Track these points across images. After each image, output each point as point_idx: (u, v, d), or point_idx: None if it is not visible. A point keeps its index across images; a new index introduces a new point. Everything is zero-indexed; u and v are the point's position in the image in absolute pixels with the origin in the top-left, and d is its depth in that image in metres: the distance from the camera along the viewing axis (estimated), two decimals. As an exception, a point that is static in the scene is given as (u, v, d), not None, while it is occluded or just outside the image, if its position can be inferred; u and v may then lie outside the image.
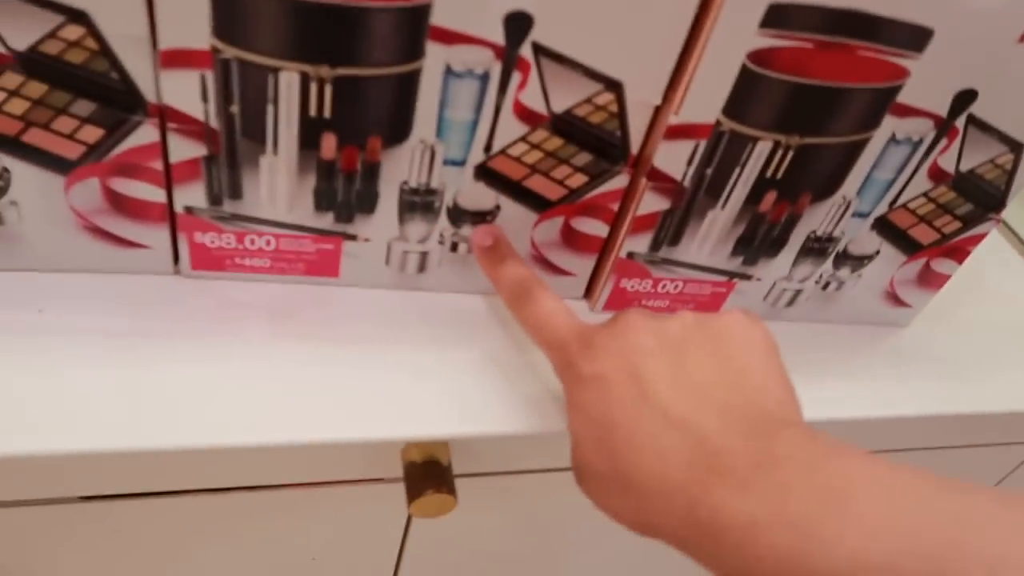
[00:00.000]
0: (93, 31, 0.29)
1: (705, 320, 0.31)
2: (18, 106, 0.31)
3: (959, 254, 0.46)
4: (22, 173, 0.33)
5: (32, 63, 0.30)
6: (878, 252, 0.45)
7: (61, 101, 0.31)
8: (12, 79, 0.30)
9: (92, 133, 0.33)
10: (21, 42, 0.29)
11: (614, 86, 0.35)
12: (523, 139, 0.36)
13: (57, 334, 0.35)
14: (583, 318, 0.34)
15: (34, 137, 0.32)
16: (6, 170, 0.33)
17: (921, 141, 0.39)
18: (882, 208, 0.42)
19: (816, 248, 0.44)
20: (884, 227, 0.43)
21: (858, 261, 0.45)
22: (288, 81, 0.32)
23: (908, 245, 0.45)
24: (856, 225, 0.43)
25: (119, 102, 0.32)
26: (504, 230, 0.40)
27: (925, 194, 0.42)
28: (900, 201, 0.42)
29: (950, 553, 0.22)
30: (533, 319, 0.34)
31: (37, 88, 0.31)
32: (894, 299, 0.49)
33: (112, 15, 0.29)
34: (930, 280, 0.48)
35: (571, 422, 0.32)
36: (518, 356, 0.41)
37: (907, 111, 0.37)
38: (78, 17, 0.29)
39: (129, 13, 0.29)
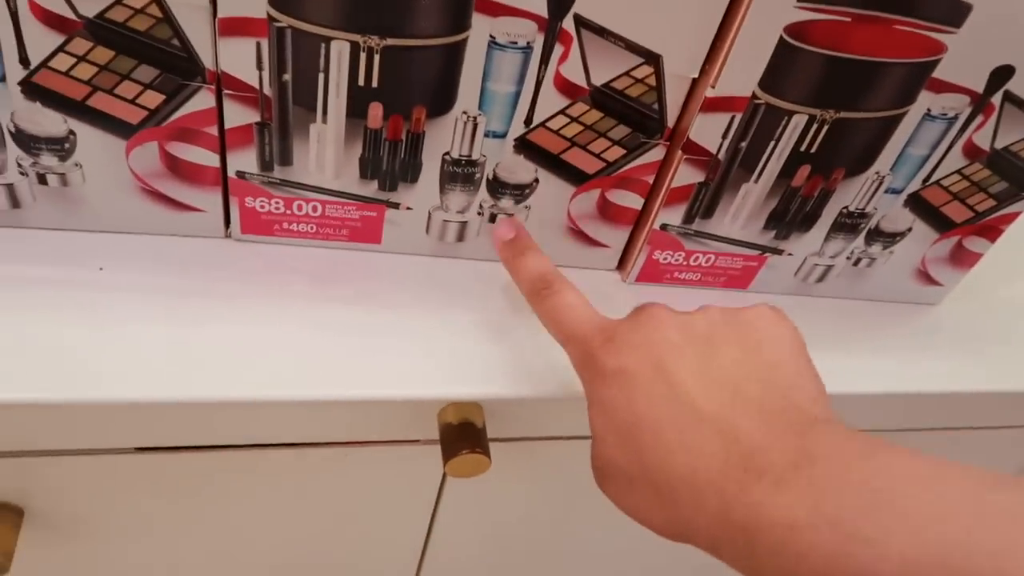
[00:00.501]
0: (158, -1, 0.31)
1: (731, 315, 0.31)
2: (85, 71, 0.33)
3: (992, 232, 0.47)
4: (87, 136, 0.35)
5: (99, 29, 0.32)
6: (910, 229, 0.45)
7: (125, 67, 0.33)
8: (81, 45, 0.32)
9: (153, 98, 0.34)
10: (90, 8, 0.31)
11: (653, 59, 0.35)
12: (563, 112, 0.37)
13: (116, 291, 0.37)
14: (615, 290, 0.35)
15: (99, 101, 0.34)
16: (72, 133, 0.35)
17: (956, 117, 0.39)
18: (915, 184, 0.43)
19: (848, 224, 0.44)
20: (917, 204, 0.44)
21: (890, 238, 0.46)
22: (339, 50, 0.33)
23: (941, 222, 0.45)
24: (889, 201, 0.43)
25: (179, 68, 0.34)
26: (541, 202, 0.41)
27: (959, 171, 0.42)
28: (934, 178, 0.43)
29: (1007, 550, 0.20)
30: (553, 312, 0.33)
31: (104, 54, 0.33)
32: (925, 277, 0.49)
33: (176, -16, 0.31)
34: (962, 259, 0.48)
35: (592, 419, 0.30)
36: (553, 323, 0.42)
37: (943, 86, 0.38)
38: (144, -14, 0.31)
39: (192, -18, 0.31)
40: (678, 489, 0.27)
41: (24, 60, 0.32)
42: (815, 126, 0.38)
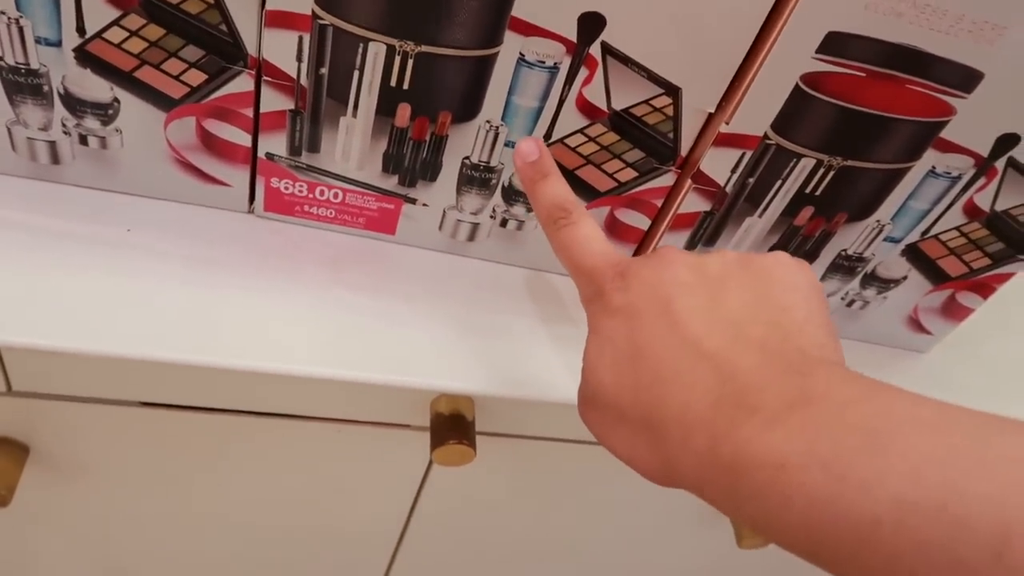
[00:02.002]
0: (211, -13, 0.33)
1: (748, 258, 0.29)
2: (136, 45, 0.35)
3: (985, 290, 0.48)
4: (130, 105, 0.37)
5: (154, 8, 0.34)
6: (905, 277, 0.47)
7: (174, 45, 0.35)
8: (135, 20, 0.34)
9: (196, 77, 0.36)
10: (147, -11, 0.33)
11: (673, 91, 0.37)
12: (581, 131, 0.39)
13: (140, 251, 0.39)
14: None
15: (146, 74, 0.36)
16: (116, 100, 0.37)
17: (960, 177, 0.41)
18: (914, 236, 0.44)
19: (846, 266, 0.46)
20: (914, 254, 0.45)
21: (885, 284, 0.47)
22: (376, 51, 0.35)
23: (936, 275, 0.47)
24: (887, 249, 0.45)
25: (224, 52, 0.35)
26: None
27: (958, 228, 0.44)
28: (933, 232, 0.44)
29: (1008, 497, 0.19)
30: (569, 242, 0.32)
31: (155, 31, 0.34)
32: (916, 325, 0.51)
33: (230, -25, 0.33)
34: (954, 311, 0.50)
35: (588, 347, 0.29)
36: (551, 328, 0.44)
37: (949, 147, 0.39)
38: (200, -27, 0.32)
39: (245, -26, 0.33)
40: (668, 425, 0.25)
41: (81, 29, 0.34)
42: (822, 170, 0.40)
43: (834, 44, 0.34)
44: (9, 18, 0.33)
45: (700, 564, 0.69)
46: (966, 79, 0.36)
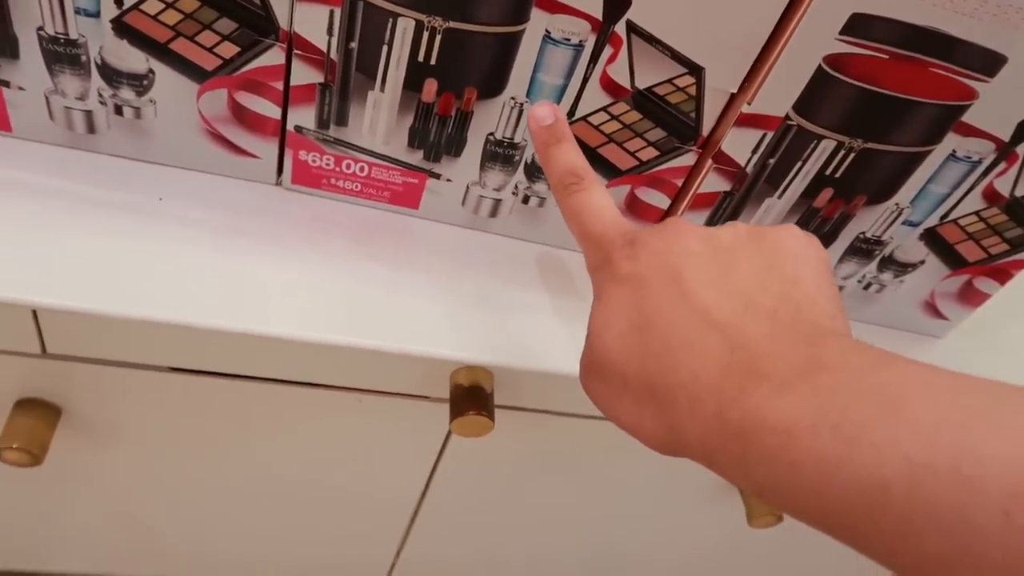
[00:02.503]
0: (246, -39, 0.34)
1: (758, 231, 0.29)
2: (172, 17, 0.36)
3: (1002, 275, 0.48)
4: (164, 76, 0.38)
5: (190, -19, 0.35)
6: (923, 262, 0.47)
7: (208, 17, 0.36)
8: (171, -7, 0.35)
9: (229, 49, 0.37)
10: (184, -38, 0.34)
11: (696, 70, 0.37)
12: (604, 109, 0.40)
13: (171, 220, 0.40)
14: None
15: (180, 46, 0.37)
16: (151, 71, 0.38)
17: (980, 161, 0.41)
18: (933, 220, 0.44)
19: (863, 249, 0.46)
20: (932, 239, 0.46)
21: (902, 267, 0.48)
22: (404, 27, 0.36)
23: (953, 259, 0.47)
24: (905, 233, 0.45)
25: (256, 25, 0.36)
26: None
27: (977, 213, 0.44)
28: (951, 216, 0.44)
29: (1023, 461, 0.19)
30: (579, 208, 0.32)
31: (190, 3, 0.35)
32: (932, 310, 0.51)
33: (264, -51, 0.33)
34: (970, 297, 0.50)
35: (594, 314, 0.29)
36: (569, 304, 0.45)
37: (970, 131, 0.39)
38: (236, -53, 0.33)
39: (279, -51, 0.33)
40: (676, 392, 0.25)
41: (119, 1, 0.35)
42: (842, 152, 0.40)
43: (858, 25, 0.35)
44: (50, -11, 0.34)
45: (713, 540, 0.70)
46: (989, 63, 0.36)
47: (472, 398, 0.44)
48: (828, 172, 0.41)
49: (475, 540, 0.67)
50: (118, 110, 0.40)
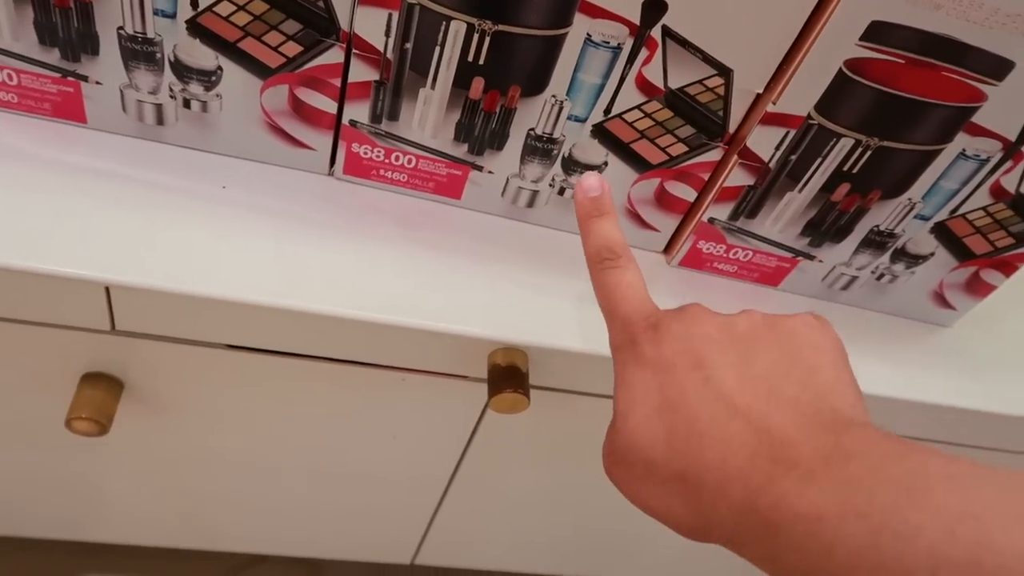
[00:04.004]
0: (315, -32, 0.37)
1: (772, 320, 0.30)
2: (242, 18, 0.39)
3: (1008, 268, 0.51)
4: (231, 73, 0.41)
5: (262, -14, 0.38)
6: (933, 254, 0.50)
7: (275, 19, 0.39)
8: (244, -3, 0.38)
9: (292, 48, 0.40)
10: (258, -31, 0.37)
11: (725, 72, 0.40)
12: (638, 107, 0.42)
13: (233, 206, 0.44)
14: (660, 270, 0.40)
15: (248, 45, 0.40)
16: (220, 68, 0.41)
17: (988, 160, 0.44)
18: (943, 215, 0.47)
19: (877, 241, 0.49)
20: (942, 232, 0.49)
21: (913, 259, 0.51)
22: (456, 29, 0.39)
23: (961, 252, 0.50)
24: (917, 226, 0.48)
25: (319, 26, 0.39)
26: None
27: (984, 208, 0.47)
28: (960, 211, 0.47)
29: None
30: (613, 285, 0.33)
31: (260, 6, 0.38)
32: (941, 300, 0.54)
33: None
34: (977, 288, 0.53)
35: (618, 398, 0.30)
36: (600, 291, 0.48)
37: (979, 131, 0.42)
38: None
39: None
40: (703, 478, 0.26)
41: (194, 3, 0.38)
42: (860, 150, 0.43)
43: (877, 32, 0.37)
44: (134, -8, 0.38)
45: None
46: (998, 67, 0.39)
47: (509, 377, 0.47)
48: (846, 168, 0.44)
49: (502, 518, 0.70)
50: (186, 104, 0.43)
